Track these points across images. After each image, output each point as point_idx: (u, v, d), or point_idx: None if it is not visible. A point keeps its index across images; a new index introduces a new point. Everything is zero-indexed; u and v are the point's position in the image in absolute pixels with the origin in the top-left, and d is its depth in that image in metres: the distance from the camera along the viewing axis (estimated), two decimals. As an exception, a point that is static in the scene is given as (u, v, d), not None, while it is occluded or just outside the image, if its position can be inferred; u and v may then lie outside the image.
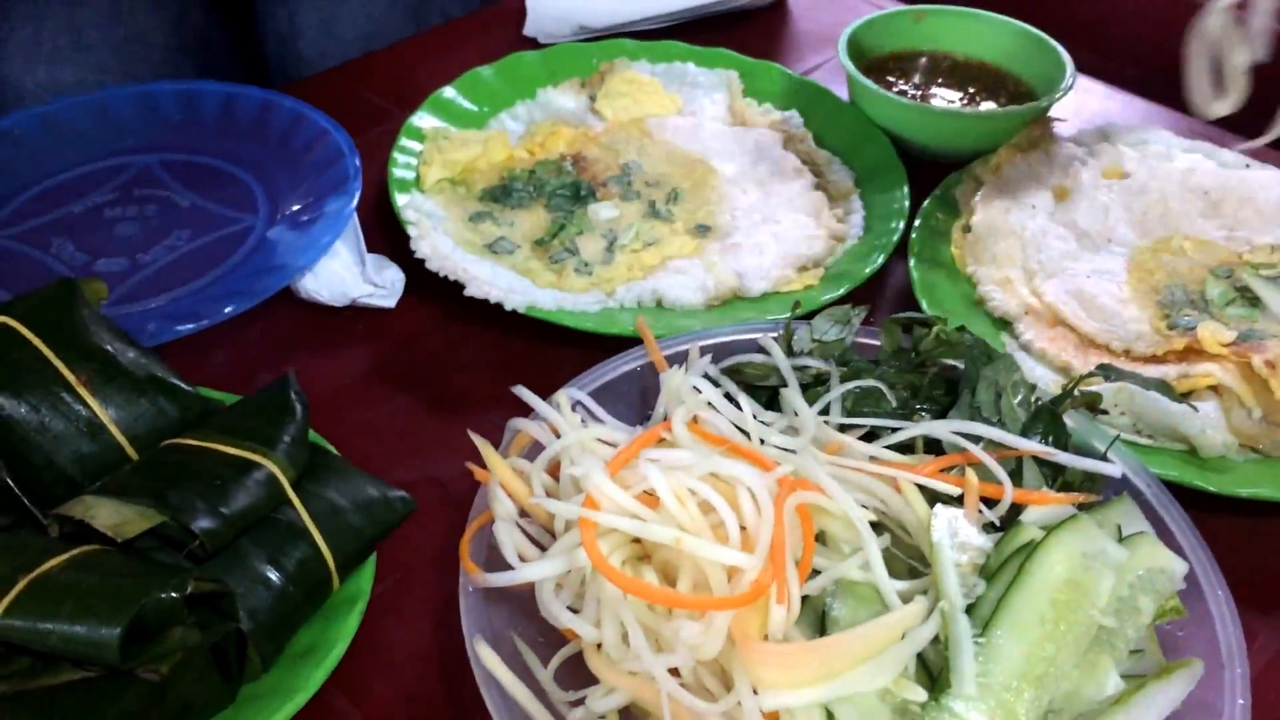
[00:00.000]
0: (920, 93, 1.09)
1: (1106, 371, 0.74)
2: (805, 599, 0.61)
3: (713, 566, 0.58)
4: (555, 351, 0.85)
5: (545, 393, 0.71)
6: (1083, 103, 1.15)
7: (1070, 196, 0.98)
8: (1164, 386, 0.74)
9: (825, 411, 0.72)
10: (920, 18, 1.14)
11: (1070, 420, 0.74)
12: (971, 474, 0.67)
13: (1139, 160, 1.01)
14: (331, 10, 1.22)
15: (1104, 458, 0.71)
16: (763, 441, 0.68)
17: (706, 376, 0.74)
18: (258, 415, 0.63)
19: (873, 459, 0.68)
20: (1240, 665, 0.62)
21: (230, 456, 0.60)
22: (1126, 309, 0.88)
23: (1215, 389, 0.81)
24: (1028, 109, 1.02)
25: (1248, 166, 1.01)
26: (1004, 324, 0.89)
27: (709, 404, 0.70)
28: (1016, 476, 0.69)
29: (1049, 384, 0.84)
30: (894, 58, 1.14)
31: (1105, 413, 0.78)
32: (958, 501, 0.67)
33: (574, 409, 0.73)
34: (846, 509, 0.64)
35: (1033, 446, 0.69)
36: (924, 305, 0.86)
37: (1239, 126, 1.12)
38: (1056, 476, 0.71)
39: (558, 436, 0.69)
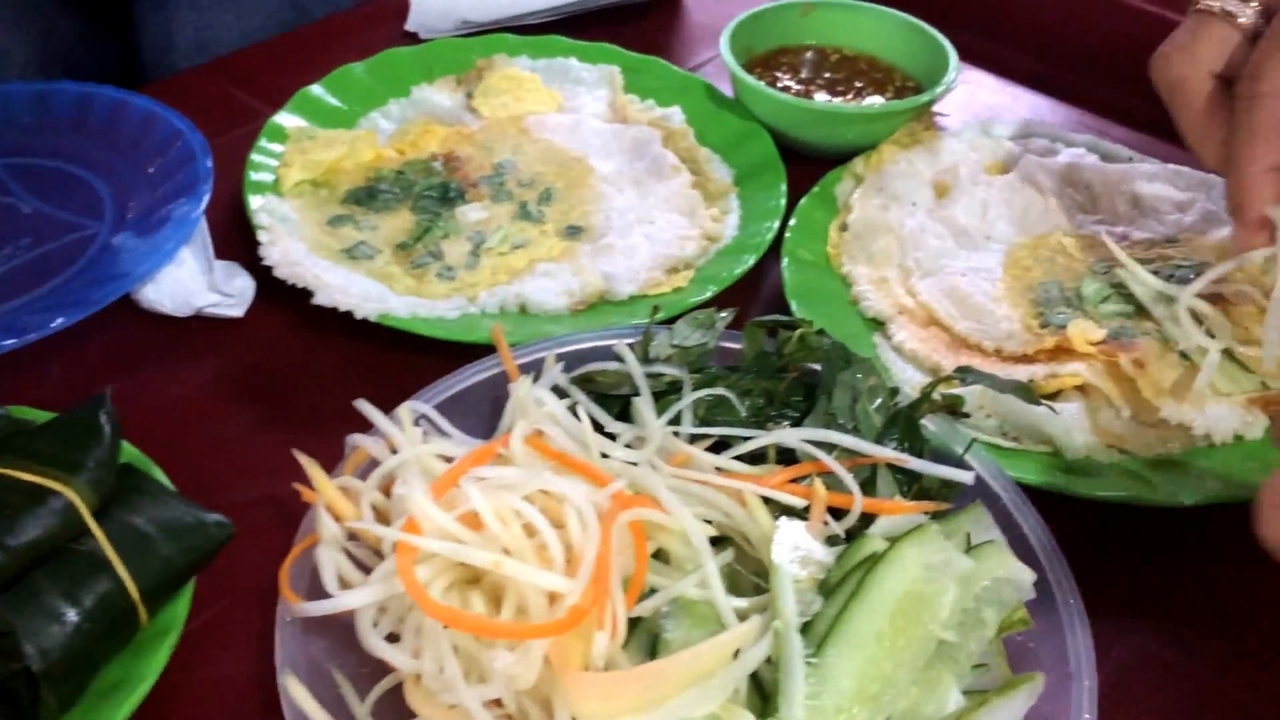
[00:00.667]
0: (805, 88, 1.07)
1: (964, 374, 0.73)
2: (639, 621, 0.59)
3: (534, 591, 0.56)
4: (414, 362, 0.82)
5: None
6: (973, 96, 1.14)
7: (950, 193, 0.96)
8: (1022, 389, 0.73)
9: (677, 421, 0.69)
10: (807, 11, 1.12)
11: (931, 424, 0.72)
12: (818, 484, 0.65)
13: (1021, 154, 1.00)
14: (208, 19, 1.18)
15: (960, 463, 0.70)
16: (606, 455, 0.66)
17: (556, 387, 0.72)
18: (62, 439, 0.60)
19: (719, 470, 0.66)
20: (1089, 678, 0.61)
21: (25, 483, 0.56)
22: (999, 307, 0.86)
23: (1082, 389, 0.80)
24: (909, 104, 1.00)
25: (1130, 159, 1.00)
26: (878, 325, 0.88)
27: (554, 416, 0.68)
28: (871, 485, 0.68)
29: (919, 386, 0.82)
30: (781, 52, 1.12)
31: (968, 416, 0.76)
32: (808, 513, 0.65)
33: (418, 423, 0.71)
34: (684, 524, 0.61)
35: (884, 453, 0.67)
36: (794, 307, 0.85)
37: (1129, 116, 1.11)
38: (913, 484, 0.69)
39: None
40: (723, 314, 0.78)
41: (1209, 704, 0.67)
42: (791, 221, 0.92)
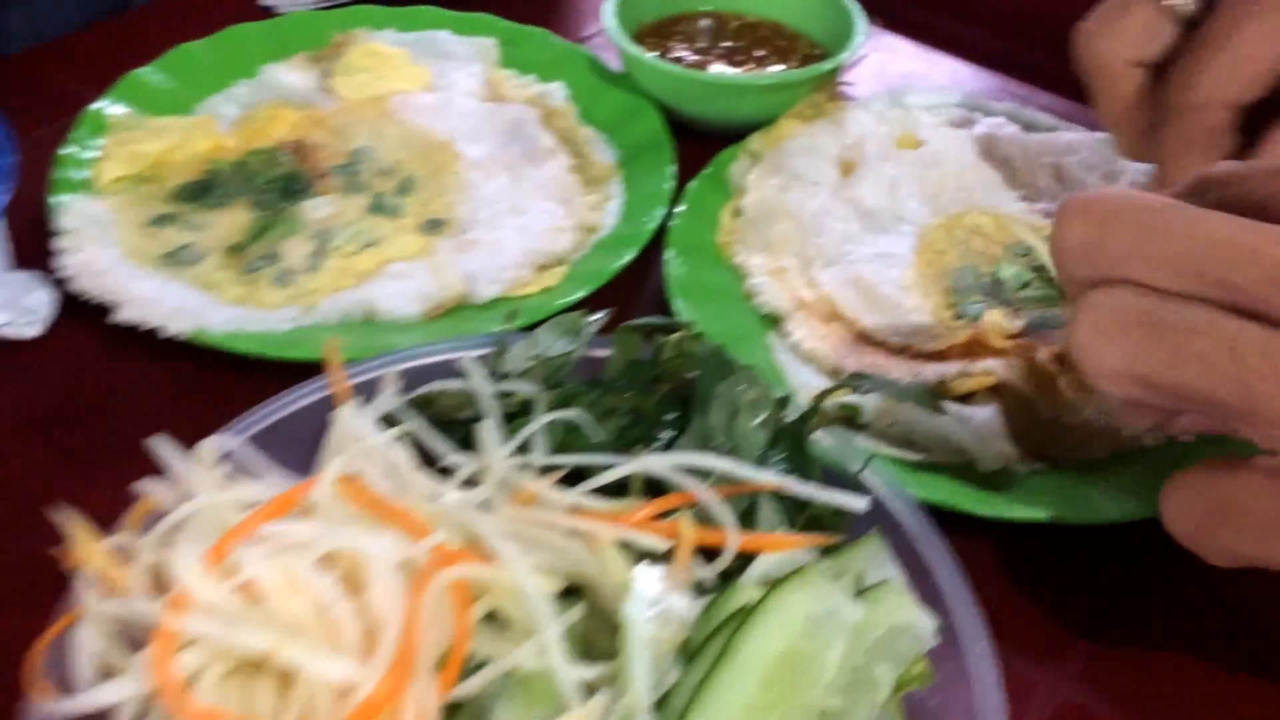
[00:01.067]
0: (701, 59, 0.97)
1: (858, 381, 0.63)
2: (460, 707, 0.50)
3: (320, 681, 0.46)
4: (241, 385, 0.72)
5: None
6: (885, 63, 1.04)
7: (856, 170, 0.87)
8: (924, 395, 0.63)
9: (529, 449, 0.60)
10: (703, -29, 1.02)
11: (826, 439, 0.63)
12: (683, 520, 0.55)
13: (934, 126, 0.90)
14: (41, 5, 1.06)
15: (856, 485, 0.60)
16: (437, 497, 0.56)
17: (390, 413, 0.62)
18: None
19: (575, 509, 0.57)
20: (998, 745, 0.52)
21: None
22: (909, 298, 0.77)
23: (997, 389, 0.71)
24: (810, 72, 0.90)
25: (1054, 129, 0.91)
26: (775, 322, 0.78)
27: (375, 451, 0.58)
28: (752, 516, 0.59)
29: (809, 392, 0.73)
30: (676, 20, 1.02)
31: (866, 427, 0.67)
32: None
33: (225, 460, 0.61)
34: (519, 581, 0.52)
35: (763, 478, 0.58)
36: (678, 306, 0.75)
37: (1056, 80, 1.02)
38: (802, 512, 0.60)
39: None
40: (593, 317, 0.68)
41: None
42: (679, 207, 0.82)
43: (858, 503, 0.58)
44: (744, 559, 0.56)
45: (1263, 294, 0.44)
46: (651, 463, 0.58)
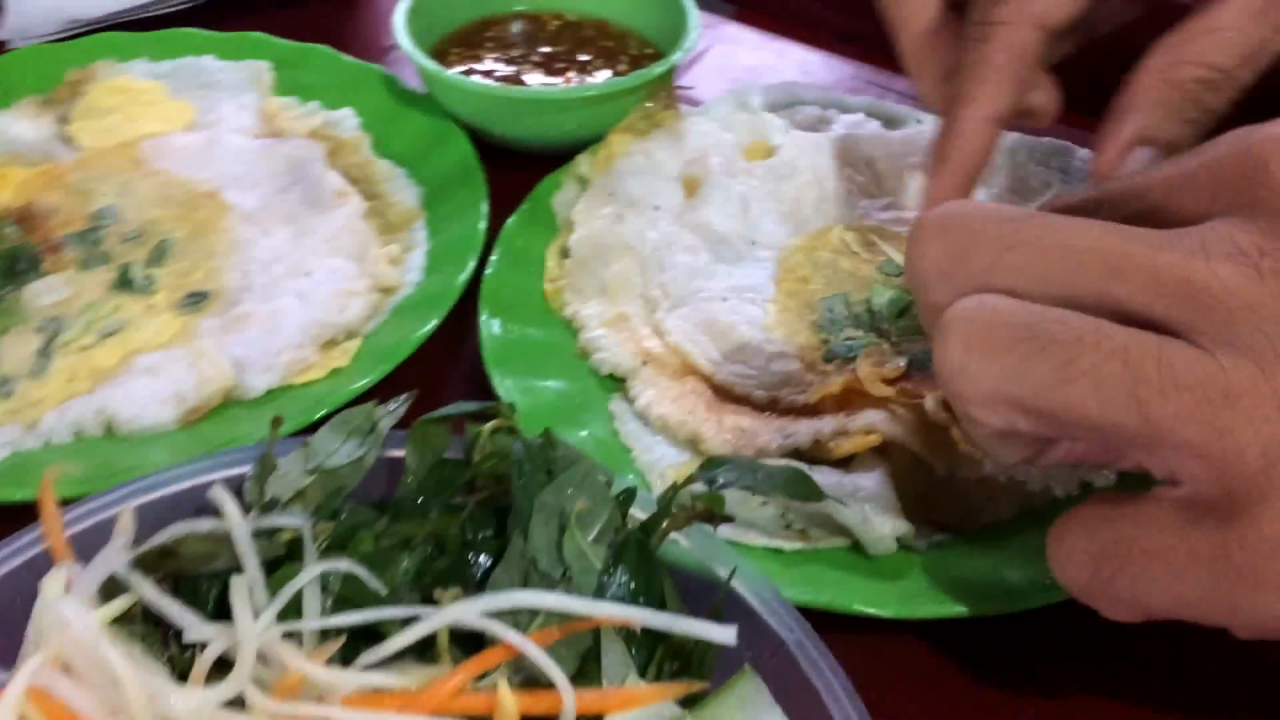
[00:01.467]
0: (517, 69, 0.84)
1: (710, 473, 0.51)
2: None
3: None
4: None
5: None
6: (728, 58, 0.93)
7: (701, 189, 0.75)
8: (795, 482, 0.51)
9: (296, 611, 0.46)
10: (511, -33, 0.89)
11: (685, 542, 0.51)
12: (502, 688, 0.43)
13: (786, 130, 0.79)
14: None
15: (721, 594, 0.48)
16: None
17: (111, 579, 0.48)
18: None
19: (361, 694, 0.43)
20: None
21: None
22: (771, 340, 0.66)
23: (883, 449, 0.60)
24: (640, 78, 0.78)
25: (919, 122, 0.80)
26: (620, 383, 0.66)
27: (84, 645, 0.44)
28: (595, 662, 0.46)
29: (664, 469, 0.61)
30: (486, 25, 0.88)
31: (731, 519, 0.55)
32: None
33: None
34: (279, 819, 0.39)
35: (603, 611, 0.45)
36: (496, 381, 0.62)
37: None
38: (658, 644, 0.48)
39: None
40: (390, 407, 0.55)
41: None
42: (494, 254, 0.69)
43: (725, 634, 0.46)
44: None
45: (1145, 302, 0.39)
46: (455, 613, 0.45)
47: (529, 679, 0.44)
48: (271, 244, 0.71)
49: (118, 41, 0.84)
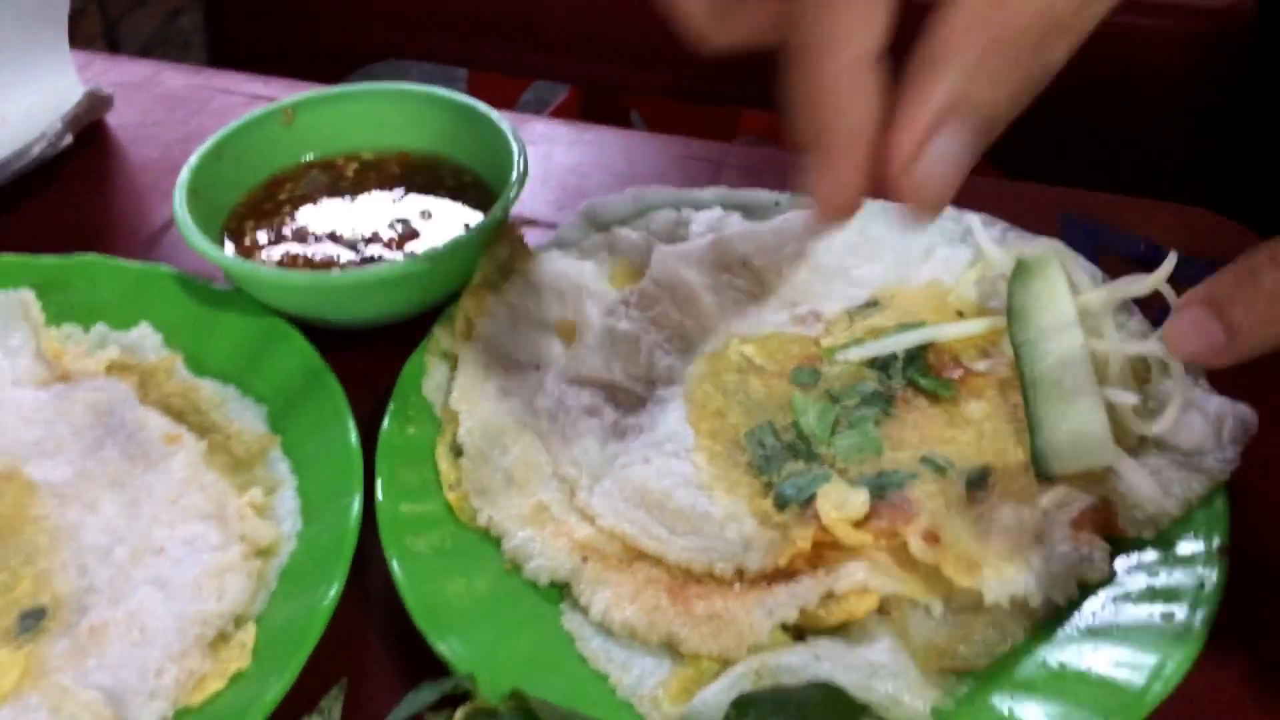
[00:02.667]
0: (329, 228, 0.74)
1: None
2: None
3: None
4: None
5: None
6: (548, 160, 0.85)
7: (580, 337, 0.67)
8: (830, 705, 0.45)
9: None
10: (291, 116, 0.78)
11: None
12: None
13: (646, 244, 0.72)
14: None
15: None
16: None
17: None
18: None
19: None
20: None
21: None
22: (714, 500, 0.59)
23: (880, 607, 0.54)
24: (474, 233, 0.69)
25: (777, 205, 0.76)
26: (564, 589, 0.58)
27: None
28: None
29: (654, 687, 0.53)
30: (277, 183, 0.78)
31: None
32: None
33: None
34: None
35: None
36: (436, 646, 0.52)
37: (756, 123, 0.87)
38: None
39: None
40: (323, 707, 0.46)
41: None
42: (378, 477, 0.59)
43: None
44: None
45: None
46: None
47: None
48: (102, 522, 0.58)
49: None
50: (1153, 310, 0.65)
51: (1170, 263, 0.59)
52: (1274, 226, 0.51)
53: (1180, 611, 0.53)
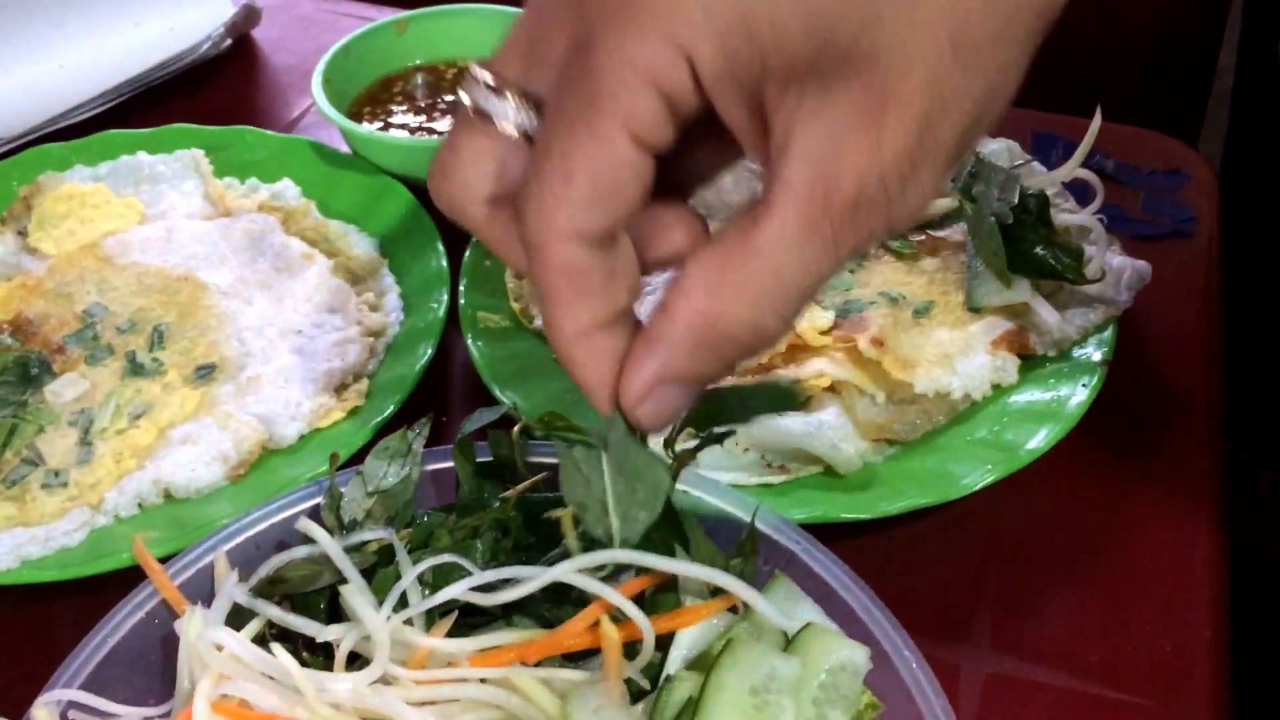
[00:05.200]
0: (428, 119, 0.93)
1: (708, 427, 0.61)
2: None
3: None
4: (51, 615, 0.63)
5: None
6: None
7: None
8: (767, 393, 0.61)
9: (405, 603, 0.55)
10: (404, 27, 0.97)
11: (693, 490, 0.61)
12: (607, 625, 0.52)
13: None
14: None
15: (745, 532, 0.59)
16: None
17: (238, 607, 0.55)
18: None
19: (482, 654, 0.53)
20: (957, 743, 0.53)
21: None
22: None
23: (832, 388, 0.71)
24: (548, 111, 0.88)
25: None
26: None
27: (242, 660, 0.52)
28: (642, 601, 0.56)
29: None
30: (389, 82, 0.97)
31: (720, 440, 0.65)
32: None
33: (65, 719, 0.53)
34: (453, 757, 0.48)
35: (678, 568, 0.55)
36: (496, 391, 0.71)
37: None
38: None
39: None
40: (416, 429, 0.64)
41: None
42: (461, 284, 0.78)
43: (735, 583, 0.55)
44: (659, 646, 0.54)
45: None
46: (555, 572, 0.54)
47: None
48: (257, 311, 0.78)
49: (52, 153, 0.89)
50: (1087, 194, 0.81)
51: (1089, 139, 0.76)
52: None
53: (1064, 402, 0.69)
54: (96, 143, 0.90)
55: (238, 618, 0.55)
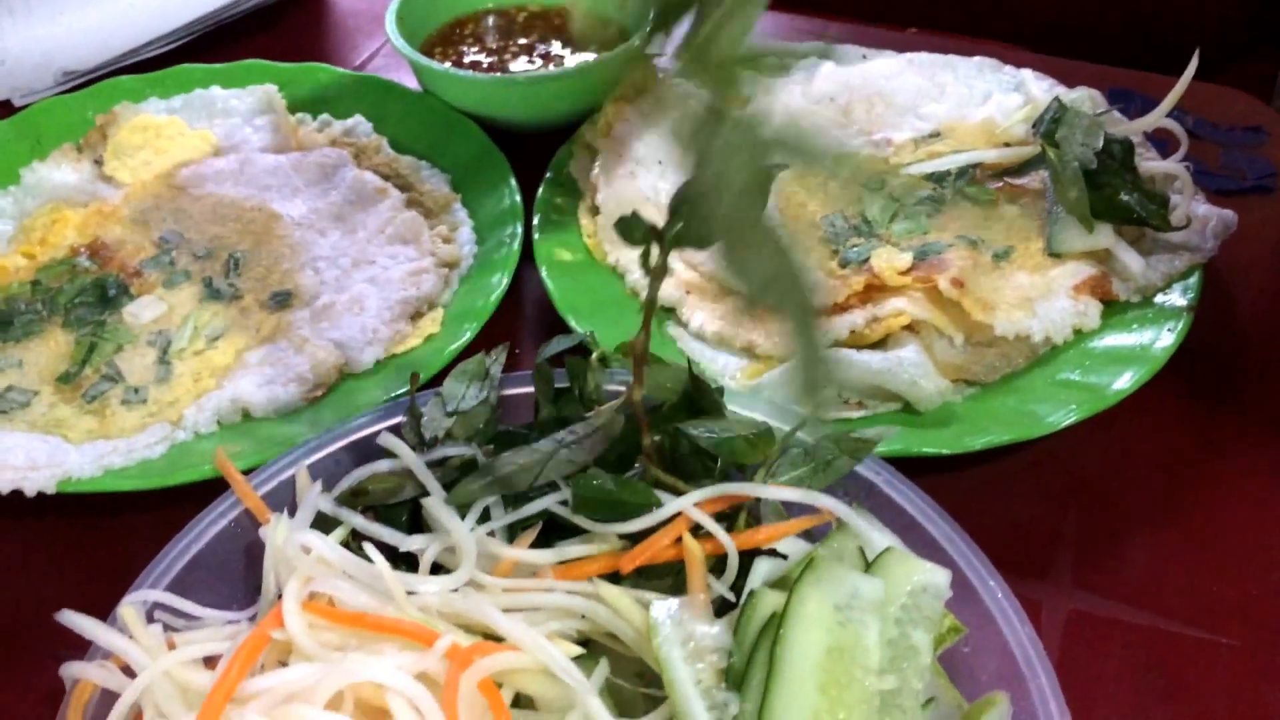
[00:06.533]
0: (498, 59, 0.93)
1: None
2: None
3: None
4: (128, 528, 0.64)
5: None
6: (685, 24, 1.02)
7: (695, 141, 0.84)
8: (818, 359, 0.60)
9: (487, 518, 0.55)
10: (476, -30, 0.97)
11: (769, 420, 0.61)
12: (690, 542, 0.52)
13: (754, 79, 0.89)
14: None
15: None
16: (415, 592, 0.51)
17: (322, 515, 0.56)
18: None
19: (565, 565, 0.52)
20: (1044, 673, 0.52)
21: None
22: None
23: (910, 327, 0.71)
24: (621, 53, 0.87)
25: (864, 58, 0.92)
26: (669, 312, 0.75)
27: (331, 562, 0.52)
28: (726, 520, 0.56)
29: (734, 372, 0.71)
30: (459, 24, 0.96)
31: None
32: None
33: (154, 619, 0.53)
34: (543, 658, 0.47)
35: (777, 493, 0.54)
36: (572, 322, 0.71)
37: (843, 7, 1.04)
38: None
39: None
40: (493, 355, 0.64)
41: (1167, 657, 0.59)
42: (535, 219, 0.78)
43: (832, 502, 0.55)
44: (743, 563, 0.54)
45: None
46: (678, 504, 0.53)
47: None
48: (330, 242, 0.78)
49: (127, 85, 0.90)
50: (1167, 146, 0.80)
51: (1182, 83, 0.74)
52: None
53: (1149, 346, 0.68)
54: (170, 76, 0.91)
55: (323, 528, 0.55)
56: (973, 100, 0.87)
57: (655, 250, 0.55)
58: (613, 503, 0.54)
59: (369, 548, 0.51)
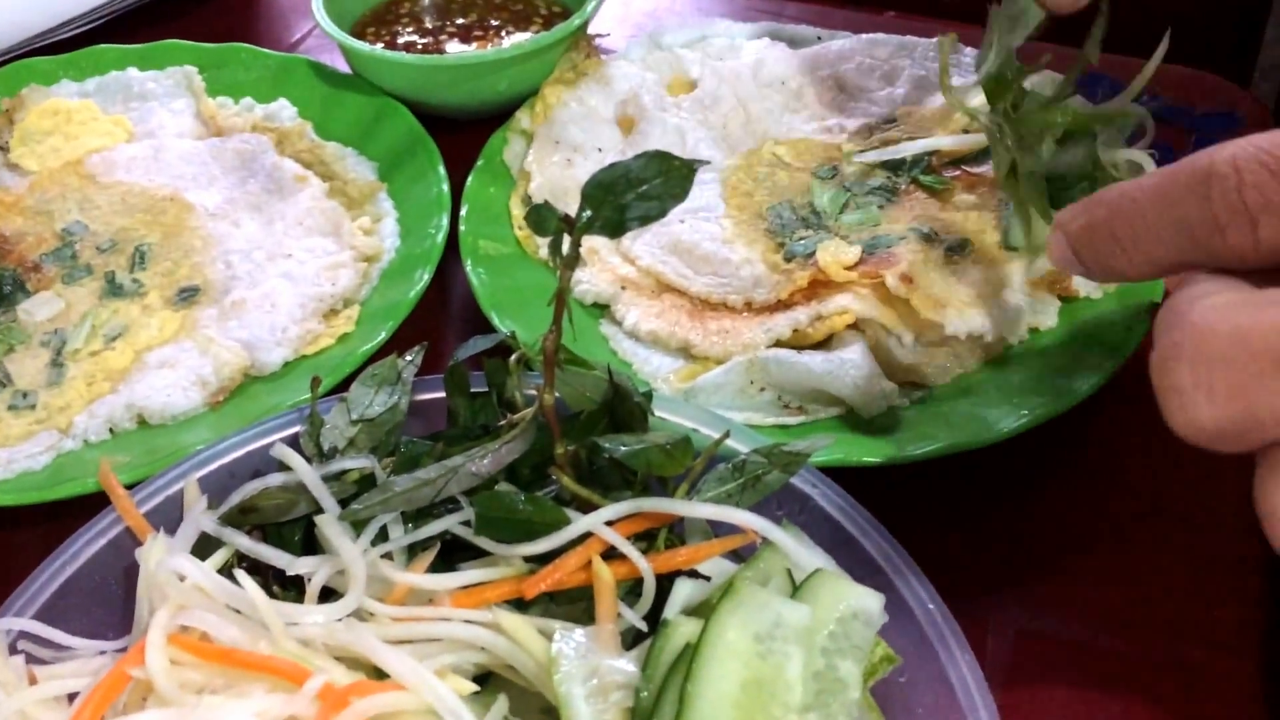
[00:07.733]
0: (434, 40, 0.88)
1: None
2: None
3: None
4: (12, 544, 0.59)
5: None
6: (628, 6, 0.98)
7: (638, 126, 0.80)
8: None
9: (385, 537, 0.50)
10: (412, -54, 0.92)
11: (698, 426, 0.56)
12: (599, 565, 0.48)
13: (702, 63, 0.85)
14: None
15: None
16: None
17: (205, 535, 0.51)
18: None
19: (465, 591, 0.48)
20: (983, 706, 0.48)
21: None
22: (734, 250, 0.72)
23: (856, 325, 0.66)
24: (558, 33, 0.82)
25: (819, 39, 0.87)
26: (603, 309, 0.71)
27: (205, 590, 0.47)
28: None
29: (667, 374, 0.67)
30: (394, 3, 0.92)
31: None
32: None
33: (15, 650, 0.49)
34: (430, 700, 0.43)
35: (701, 510, 0.50)
36: (495, 319, 0.66)
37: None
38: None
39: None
40: (408, 357, 0.59)
41: (1120, 678, 0.55)
42: (463, 210, 0.73)
43: (750, 519, 0.51)
44: (660, 586, 0.49)
45: None
46: (585, 523, 0.49)
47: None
48: (245, 234, 0.74)
49: (37, 67, 0.85)
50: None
51: (1150, 67, 0.70)
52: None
53: (1109, 347, 0.64)
54: (85, 57, 0.86)
55: (206, 548, 0.51)
56: (930, 84, 0.82)
57: (567, 240, 0.50)
58: (517, 522, 0.50)
59: (240, 574, 0.47)
